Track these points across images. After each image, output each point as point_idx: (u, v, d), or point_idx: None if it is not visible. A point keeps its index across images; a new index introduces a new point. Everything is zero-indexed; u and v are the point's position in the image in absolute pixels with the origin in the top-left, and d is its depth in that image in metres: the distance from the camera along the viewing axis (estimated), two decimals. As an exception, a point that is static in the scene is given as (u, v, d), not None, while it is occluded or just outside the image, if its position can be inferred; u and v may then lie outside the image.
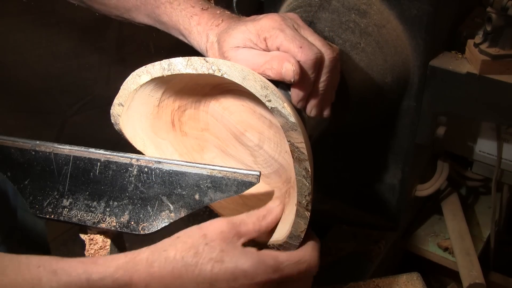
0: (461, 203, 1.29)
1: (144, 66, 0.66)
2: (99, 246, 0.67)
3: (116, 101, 0.70)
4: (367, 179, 1.14)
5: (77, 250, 0.70)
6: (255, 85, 0.61)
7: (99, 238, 0.67)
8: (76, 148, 0.67)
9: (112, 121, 0.72)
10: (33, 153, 0.67)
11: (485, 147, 1.15)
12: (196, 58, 0.63)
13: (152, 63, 0.66)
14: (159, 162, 0.64)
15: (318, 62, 0.67)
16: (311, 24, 0.88)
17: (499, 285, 1.27)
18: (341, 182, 1.20)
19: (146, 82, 0.67)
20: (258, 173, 0.62)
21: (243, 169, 0.62)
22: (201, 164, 0.64)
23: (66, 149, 0.67)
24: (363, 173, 1.14)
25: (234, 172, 0.62)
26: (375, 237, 1.13)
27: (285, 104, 0.60)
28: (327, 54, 0.69)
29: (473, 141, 1.16)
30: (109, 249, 0.66)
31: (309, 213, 0.62)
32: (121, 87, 0.69)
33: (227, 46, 0.71)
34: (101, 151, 0.66)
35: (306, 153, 0.60)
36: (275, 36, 0.67)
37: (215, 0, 1.57)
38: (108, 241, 0.67)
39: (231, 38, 0.70)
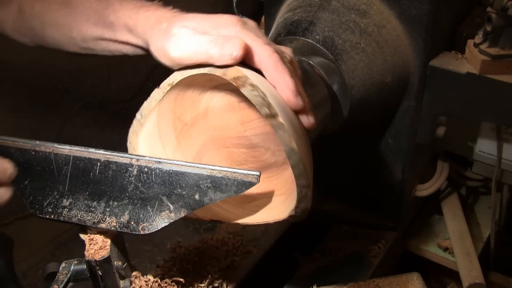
0: (461, 203, 1.29)
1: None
2: (99, 246, 0.67)
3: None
4: (367, 179, 1.14)
5: (77, 250, 0.70)
6: (193, 68, 0.64)
7: (99, 238, 0.67)
8: (76, 148, 0.67)
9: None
10: (33, 153, 0.67)
11: (485, 147, 1.15)
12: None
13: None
14: (159, 162, 0.64)
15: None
16: (311, 24, 0.88)
17: (499, 285, 1.27)
18: (341, 182, 1.20)
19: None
20: (258, 173, 0.62)
21: (243, 169, 0.62)
22: (201, 164, 0.64)
23: (66, 149, 0.67)
24: (363, 173, 1.14)
25: (234, 172, 0.62)
26: (375, 237, 1.13)
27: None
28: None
29: (473, 141, 1.16)
30: (109, 249, 0.66)
31: (280, 118, 0.60)
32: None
33: (176, 24, 0.69)
34: (101, 151, 0.66)
35: (245, 74, 0.61)
36: (225, 27, 0.68)
37: (215, 0, 1.57)
38: (108, 241, 0.67)
39: (182, 18, 0.70)
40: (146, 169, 0.64)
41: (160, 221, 0.64)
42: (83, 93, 1.48)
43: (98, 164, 0.66)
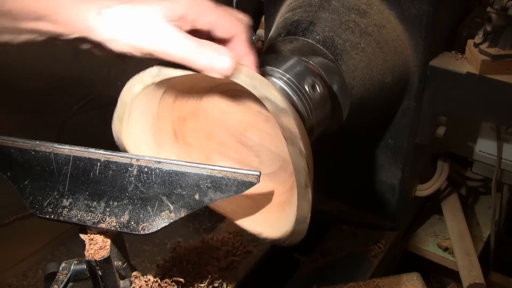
0: (461, 203, 1.29)
1: (135, 75, 0.66)
2: (99, 246, 0.67)
3: (115, 116, 0.69)
4: (367, 179, 1.14)
5: (77, 250, 0.70)
6: (240, 75, 0.61)
7: (99, 238, 0.67)
8: (76, 148, 0.67)
9: (114, 137, 0.71)
10: (33, 153, 0.67)
11: (485, 147, 1.15)
12: None
13: (143, 71, 0.65)
14: (159, 162, 0.64)
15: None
16: (311, 24, 0.88)
17: (499, 285, 1.27)
18: (341, 182, 1.20)
19: (141, 92, 0.66)
20: (258, 173, 0.62)
21: (243, 169, 0.62)
22: (201, 164, 0.64)
23: (66, 149, 0.67)
24: (363, 173, 1.14)
25: (234, 172, 0.62)
26: (375, 237, 1.13)
27: (272, 90, 0.61)
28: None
29: (473, 141, 1.16)
30: (109, 249, 0.66)
31: (310, 195, 0.62)
32: (118, 101, 0.68)
33: (148, 9, 0.63)
34: (101, 151, 0.66)
35: (298, 132, 0.61)
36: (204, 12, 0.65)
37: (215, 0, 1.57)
38: (108, 241, 0.67)
39: (154, 7, 0.63)
40: (146, 169, 0.64)
41: (160, 221, 0.64)
42: (83, 93, 1.48)
43: (98, 164, 0.66)
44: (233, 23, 0.66)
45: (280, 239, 0.70)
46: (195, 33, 0.66)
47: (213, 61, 0.61)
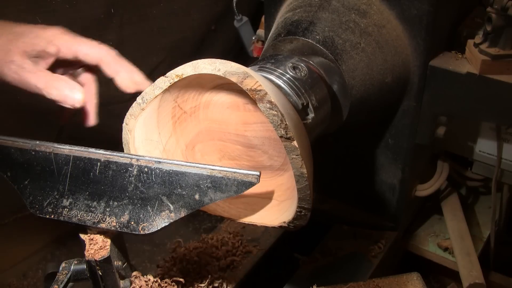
0: (461, 203, 1.29)
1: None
2: (99, 246, 0.67)
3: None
4: (367, 179, 1.14)
5: (77, 250, 0.70)
6: (206, 66, 0.63)
7: (99, 238, 0.67)
8: (76, 148, 0.67)
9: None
10: (33, 153, 0.67)
11: (485, 147, 1.15)
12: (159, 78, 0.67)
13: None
14: (159, 162, 0.64)
15: None
16: (311, 24, 0.88)
17: (499, 285, 1.27)
18: (341, 182, 1.20)
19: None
20: (258, 173, 0.62)
21: (243, 169, 0.62)
22: (201, 164, 0.64)
23: (66, 149, 0.67)
24: (363, 173, 1.14)
25: (234, 172, 0.62)
26: (375, 237, 1.13)
27: (232, 64, 0.63)
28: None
29: (473, 141, 1.16)
30: (109, 249, 0.66)
31: (295, 142, 0.61)
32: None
33: (12, 54, 0.71)
34: (101, 151, 0.66)
35: (264, 88, 0.61)
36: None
37: (215, 0, 1.57)
38: (108, 241, 0.67)
39: (15, 44, 0.72)
40: (146, 169, 0.64)
41: (160, 221, 0.64)
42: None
43: (98, 164, 0.66)
44: (95, 49, 0.75)
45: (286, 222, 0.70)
46: (67, 64, 0.77)
47: (65, 93, 0.72)
